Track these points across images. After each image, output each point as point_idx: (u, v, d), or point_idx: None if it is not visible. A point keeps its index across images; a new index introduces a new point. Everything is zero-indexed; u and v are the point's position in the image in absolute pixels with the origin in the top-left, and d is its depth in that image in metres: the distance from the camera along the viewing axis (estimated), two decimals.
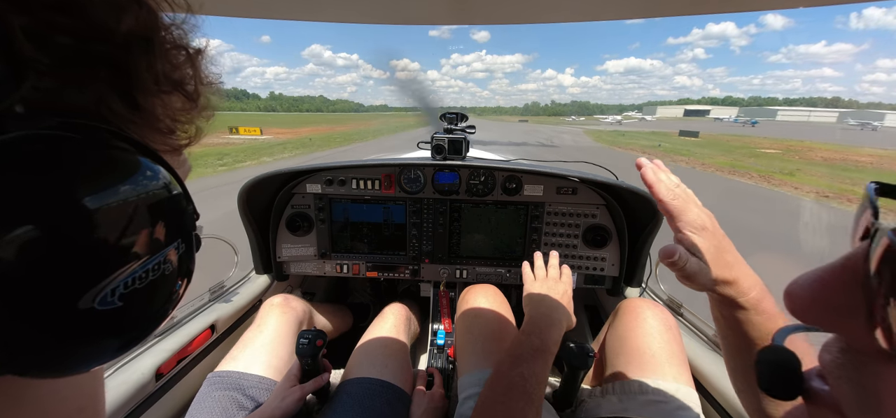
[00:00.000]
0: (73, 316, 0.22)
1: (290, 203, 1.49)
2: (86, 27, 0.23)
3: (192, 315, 1.22)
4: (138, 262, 0.25)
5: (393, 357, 1.16)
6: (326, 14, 0.74)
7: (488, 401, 0.76)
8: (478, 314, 1.17)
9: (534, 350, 0.82)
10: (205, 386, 1.00)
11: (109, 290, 0.23)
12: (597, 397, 0.99)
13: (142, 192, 0.25)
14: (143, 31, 0.26)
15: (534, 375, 0.77)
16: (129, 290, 0.25)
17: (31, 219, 0.20)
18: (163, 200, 0.27)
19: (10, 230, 0.19)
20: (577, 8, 0.68)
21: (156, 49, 0.27)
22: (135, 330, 0.27)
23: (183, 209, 0.30)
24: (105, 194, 0.23)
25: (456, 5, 0.66)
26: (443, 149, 1.42)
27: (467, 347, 1.08)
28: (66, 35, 0.22)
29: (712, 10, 0.62)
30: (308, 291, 1.84)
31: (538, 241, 1.50)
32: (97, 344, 0.25)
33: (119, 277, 0.24)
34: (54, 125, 0.22)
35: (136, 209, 0.25)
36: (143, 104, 0.27)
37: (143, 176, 0.25)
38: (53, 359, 0.23)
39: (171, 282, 0.28)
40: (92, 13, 0.23)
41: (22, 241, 0.20)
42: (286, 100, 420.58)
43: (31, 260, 0.20)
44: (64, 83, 0.23)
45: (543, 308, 0.96)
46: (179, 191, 0.29)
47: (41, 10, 0.21)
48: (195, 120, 0.33)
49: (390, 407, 1.00)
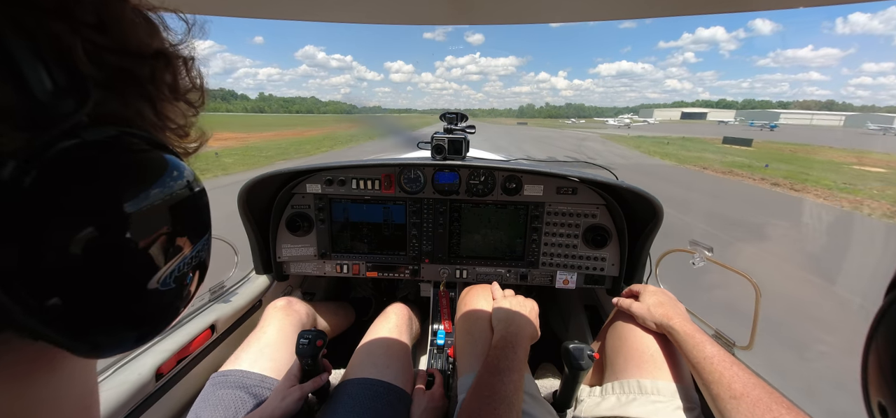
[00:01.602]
0: (144, 296, 0.26)
1: (290, 203, 1.49)
2: (126, 46, 0.26)
3: (192, 315, 1.22)
4: (186, 250, 0.30)
5: (395, 357, 1.16)
6: (325, 14, 0.74)
7: (472, 405, 0.79)
8: (477, 315, 1.17)
9: (509, 360, 0.88)
10: (209, 386, 1.01)
11: (168, 274, 0.28)
12: (597, 397, 0.99)
13: (182, 191, 0.29)
14: (161, 46, 0.29)
15: (511, 382, 0.83)
16: (181, 274, 0.29)
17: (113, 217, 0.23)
18: (195, 197, 0.31)
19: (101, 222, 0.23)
20: (573, 8, 0.68)
21: (170, 63, 0.30)
22: (180, 307, 0.32)
23: (207, 206, 0.34)
24: (160, 193, 0.27)
25: (454, 5, 0.66)
26: (443, 149, 1.42)
27: (467, 348, 1.08)
28: (111, 53, 0.25)
29: (707, 10, 0.62)
30: (308, 291, 1.84)
31: (538, 241, 1.50)
32: (158, 319, 0.29)
33: (174, 263, 0.28)
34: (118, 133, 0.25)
35: (180, 206, 0.29)
36: (164, 112, 0.31)
37: (181, 176, 0.30)
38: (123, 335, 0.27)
39: (205, 268, 0.34)
40: (130, 33, 0.26)
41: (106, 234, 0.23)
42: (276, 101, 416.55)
43: (114, 250, 0.24)
44: (112, 96, 0.26)
45: (513, 326, 1.01)
46: (203, 189, 0.33)
47: (88, 30, 0.23)
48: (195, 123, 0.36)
49: (391, 408, 1.00)
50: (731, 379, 0.77)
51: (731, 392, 0.76)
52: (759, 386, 0.75)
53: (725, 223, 7.07)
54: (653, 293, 1.06)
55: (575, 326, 1.77)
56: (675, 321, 0.94)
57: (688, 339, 0.89)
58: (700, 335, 0.89)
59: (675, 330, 0.92)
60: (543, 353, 1.62)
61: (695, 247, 1.21)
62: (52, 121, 0.21)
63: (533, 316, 1.09)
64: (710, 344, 0.86)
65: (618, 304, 1.11)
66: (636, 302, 1.05)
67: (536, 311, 1.13)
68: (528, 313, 1.08)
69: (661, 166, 16.76)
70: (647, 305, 1.02)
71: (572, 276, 1.51)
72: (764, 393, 0.73)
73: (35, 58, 0.20)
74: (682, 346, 0.90)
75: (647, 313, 1.00)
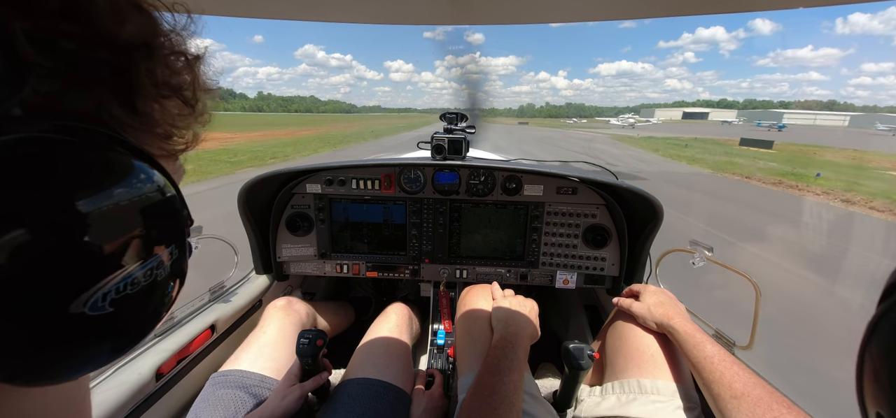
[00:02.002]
0: (63, 321, 0.22)
1: (290, 203, 1.49)
2: (89, 33, 0.23)
3: (192, 315, 1.22)
4: (131, 268, 0.24)
5: (395, 357, 1.16)
6: (325, 14, 0.74)
7: (473, 404, 0.80)
8: (478, 314, 1.17)
9: (509, 359, 0.88)
10: (208, 386, 1.01)
11: (101, 295, 0.23)
12: (597, 397, 0.99)
13: (136, 197, 0.25)
14: (144, 37, 0.26)
15: (512, 382, 0.83)
16: (121, 296, 0.24)
17: (22, 223, 0.20)
18: (157, 205, 0.26)
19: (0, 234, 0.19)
20: (573, 8, 0.68)
21: (155, 55, 0.27)
22: (125, 336, 0.26)
23: (177, 214, 0.29)
24: (98, 198, 0.22)
25: (454, 5, 0.66)
26: (443, 149, 1.42)
27: (467, 348, 1.08)
28: (69, 40, 0.22)
29: (707, 10, 0.62)
30: (308, 291, 1.84)
31: (538, 241, 1.50)
32: (87, 350, 0.24)
33: (111, 282, 0.23)
34: (49, 128, 0.22)
35: (129, 214, 0.24)
36: (142, 109, 0.27)
37: (137, 180, 0.25)
38: (43, 365, 0.23)
39: (163, 288, 0.28)
40: (95, 20, 0.23)
41: (13, 245, 0.19)
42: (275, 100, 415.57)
43: (21, 263, 0.20)
44: (66, 87, 0.23)
45: (513, 326, 1.01)
46: (173, 196, 0.29)
47: (45, 16, 0.21)
48: (192, 125, 0.33)
49: (391, 408, 1.00)
50: (731, 378, 0.77)
51: (731, 391, 0.76)
52: (759, 385, 0.75)
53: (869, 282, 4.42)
54: (653, 293, 1.06)
55: (575, 326, 1.77)
56: (675, 321, 0.94)
57: (688, 339, 0.89)
58: (700, 335, 0.89)
59: (676, 330, 0.92)
60: (543, 353, 1.62)
61: (695, 247, 1.21)
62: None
63: (533, 316, 1.09)
64: (710, 344, 0.86)
65: (618, 304, 1.11)
66: (636, 301, 1.05)
67: (536, 311, 1.13)
68: (527, 313, 1.08)
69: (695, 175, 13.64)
70: (647, 305, 1.02)
71: (572, 276, 1.51)
72: (765, 393, 0.73)
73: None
74: (682, 346, 0.90)
75: (647, 313, 1.00)
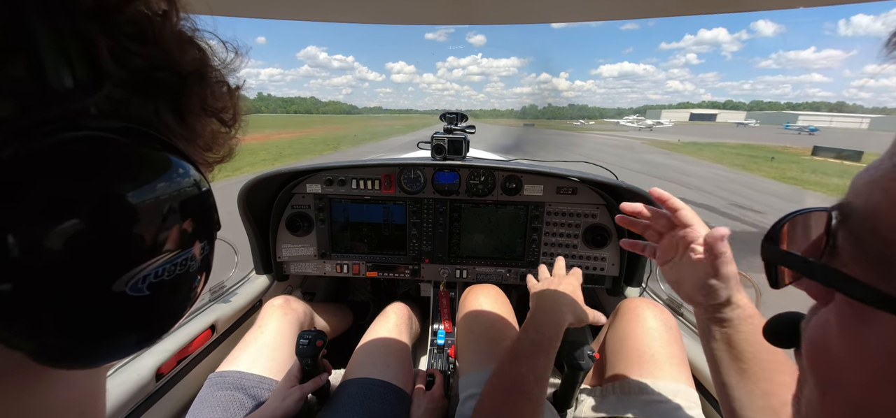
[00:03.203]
0: (106, 297, 0.24)
1: (290, 203, 1.49)
2: (157, 56, 0.28)
3: (192, 315, 1.22)
4: (169, 255, 0.27)
5: (395, 357, 1.16)
6: (325, 14, 0.74)
7: (487, 401, 0.77)
8: (479, 314, 1.17)
9: (532, 345, 0.82)
10: (206, 387, 1.01)
11: (141, 277, 0.25)
12: (597, 397, 0.99)
13: (176, 192, 0.28)
14: (198, 65, 0.31)
15: (532, 372, 0.77)
16: (158, 281, 0.26)
17: (78, 206, 0.22)
18: (194, 202, 0.30)
19: (58, 211, 0.21)
20: (574, 8, 0.68)
21: (205, 81, 0.32)
22: (156, 323, 0.29)
23: (211, 212, 0.32)
24: (145, 190, 0.25)
25: (455, 5, 0.66)
26: (443, 149, 1.42)
27: (468, 347, 1.08)
28: (141, 59, 0.26)
29: (708, 10, 0.62)
30: (308, 291, 1.84)
31: (538, 241, 1.50)
32: (123, 332, 0.27)
33: (151, 266, 0.26)
34: (115, 129, 0.25)
35: (171, 206, 0.27)
36: (189, 122, 0.32)
37: (179, 178, 0.28)
38: (83, 343, 0.25)
39: (193, 279, 0.31)
40: (163, 46, 0.28)
41: (70, 224, 0.22)
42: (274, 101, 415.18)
43: (75, 240, 0.22)
44: (131, 96, 0.27)
45: (543, 301, 0.95)
46: (210, 196, 0.32)
47: (123, 37, 0.25)
48: (227, 143, 0.38)
49: (390, 408, 1.00)
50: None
51: None
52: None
53: None
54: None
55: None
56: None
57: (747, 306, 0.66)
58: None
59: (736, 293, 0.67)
60: None
61: None
62: (56, 100, 0.22)
63: (576, 294, 0.99)
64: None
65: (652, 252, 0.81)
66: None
67: (574, 286, 1.01)
68: (570, 292, 0.98)
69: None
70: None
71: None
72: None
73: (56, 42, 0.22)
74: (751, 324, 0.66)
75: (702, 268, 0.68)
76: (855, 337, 0.26)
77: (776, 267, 0.33)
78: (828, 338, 0.28)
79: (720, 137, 40.24)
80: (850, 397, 0.27)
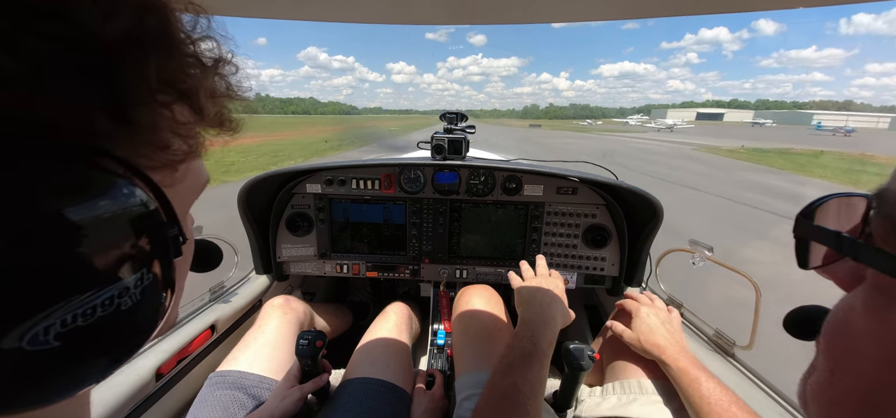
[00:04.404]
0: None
1: (290, 203, 1.49)
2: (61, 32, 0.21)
3: (192, 315, 1.22)
4: (81, 297, 0.21)
5: (394, 357, 1.16)
6: (325, 13, 0.74)
7: (483, 413, 0.74)
8: (473, 315, 1.17)
9: (525, 355, 0.79)
10: (206, 386, 1.00)
11: (42, 329, 0.19)
12: (597, 397, 0.99)
13: (89, 217, 0.21)
14: (138, 36, 0.23)
15: (527, 382, 0.75)
16: (68, 329, 0.21)
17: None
18: (120, 224, 0.23)
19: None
20: (574, 8, 0.68)
21: (153, 57, 0.24)
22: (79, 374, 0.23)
23: (151, 234, 0.25)
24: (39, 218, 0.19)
25: (455, 5, 0.66)
26: (443, 149, 1.42)
27: (464, 348, 1.08)
28: (36, 39, 0.20)
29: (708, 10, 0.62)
30: (308, 291, 1.84)
31: (538, 241, 1.50)
32: (28, 389, 0.21)
33: (54, 314, 0.20)
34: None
35: (81, 233, 0.21)
36: (134, 117, 0.24)
37: (98, 196, 0.22)
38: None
39: (130, 316, 0.24)
40: (69, 17, 0.21)
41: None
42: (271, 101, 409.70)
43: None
44: (32, 94, 0.20)
45: (535, 305, 0.94)
46: (147, 214, 0.25)
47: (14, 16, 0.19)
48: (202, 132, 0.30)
49: (391, 408, 1.00)
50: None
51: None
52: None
53: None
54: (645, 318, 0.99)
55: (575, 326, 1.77)
56: (667, 353, 0.88)
57: (682, 376, 0.83)
58: (695, 370, 0.82)
59: (667, 366, 0.87)
60: None
61: (695, 247, 1.21)
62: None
63: (561, 294, 1.00)
64: (706, 381, 0.80)
65: (611, 327, 1.05)
66: (628, 330, 1.00)
67: (562, 288, 1.03)
68: (554, 290, 0.99)
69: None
70: (637, 334, 0.96)
71: (572, 276, 1.51)
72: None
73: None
74: (675, 382, 0.85)
75: (637, 343, 0.95)
76: (879, 317, 0.26)
77: (807, 244, 0.33)
78: (850, 320, 0.29)
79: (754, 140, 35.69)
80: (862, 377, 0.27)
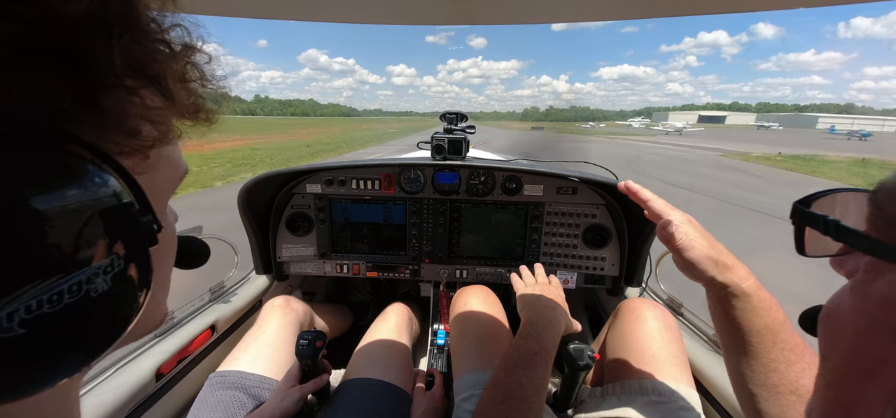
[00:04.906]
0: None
1: (290, 203, 1.49)
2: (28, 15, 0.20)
3: (192, 315, 1.22)
4: (45, 283, 0.20)
5: (394, 357, 1.16)
6: (325, 14, 0.74)
7: (486, 410, 0.75)
8: (470, 316, 1.17)
9: (531, 354, 0.80)
10: (206, 386, 1.01)
11: (5, 314, 0.19)
12: (597, 397, 0.99)
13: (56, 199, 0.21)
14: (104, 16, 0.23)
15: (531, 381, 0.75)
16: (33, 315, 0.20)
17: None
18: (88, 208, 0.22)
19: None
20: (574, 8, 0.68)
21: (116, 38, 0.23)
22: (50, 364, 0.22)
23: (121, 220, 0.25)
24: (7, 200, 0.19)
25: (455, 5, 0.66)
26: (443, 149, 1.42)
27: (462, 349, 1.08)
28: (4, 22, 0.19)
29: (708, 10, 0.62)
30: (308, 291, 1.84)
31: (538, 241, 1.50)
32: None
33: (19, 299, 0.19)
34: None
35: (45, 217, 0.20)
36: (102, 101, 0.24)
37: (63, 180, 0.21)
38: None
39: (101, 306, 0.23)
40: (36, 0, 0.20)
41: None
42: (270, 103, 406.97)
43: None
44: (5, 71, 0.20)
45: (539, 308, 0.95)
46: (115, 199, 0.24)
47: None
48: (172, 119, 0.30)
49: (391, 408, 1.00)
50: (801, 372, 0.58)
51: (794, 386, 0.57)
52: None
53: None
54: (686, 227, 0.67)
55: None
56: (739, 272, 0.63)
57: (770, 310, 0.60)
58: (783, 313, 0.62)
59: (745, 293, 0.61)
60: None
61: None
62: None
63: (560, 302, 0.99)
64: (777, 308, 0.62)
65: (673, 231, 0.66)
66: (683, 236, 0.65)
67: (563, 297, 1.02)
68: (554, 297, 0.99)
69: None
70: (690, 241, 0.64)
71: (572, 276, 1.51)
72: None
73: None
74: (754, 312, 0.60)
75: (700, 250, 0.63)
76: (860, 292, 0.28)
77: (802, 230, 0.35)
78: (839, 304, 0.30)
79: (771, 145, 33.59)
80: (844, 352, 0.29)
